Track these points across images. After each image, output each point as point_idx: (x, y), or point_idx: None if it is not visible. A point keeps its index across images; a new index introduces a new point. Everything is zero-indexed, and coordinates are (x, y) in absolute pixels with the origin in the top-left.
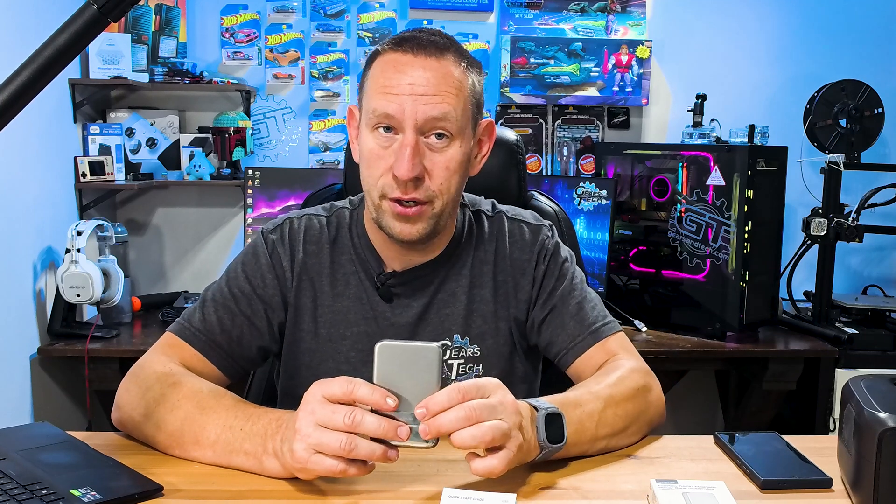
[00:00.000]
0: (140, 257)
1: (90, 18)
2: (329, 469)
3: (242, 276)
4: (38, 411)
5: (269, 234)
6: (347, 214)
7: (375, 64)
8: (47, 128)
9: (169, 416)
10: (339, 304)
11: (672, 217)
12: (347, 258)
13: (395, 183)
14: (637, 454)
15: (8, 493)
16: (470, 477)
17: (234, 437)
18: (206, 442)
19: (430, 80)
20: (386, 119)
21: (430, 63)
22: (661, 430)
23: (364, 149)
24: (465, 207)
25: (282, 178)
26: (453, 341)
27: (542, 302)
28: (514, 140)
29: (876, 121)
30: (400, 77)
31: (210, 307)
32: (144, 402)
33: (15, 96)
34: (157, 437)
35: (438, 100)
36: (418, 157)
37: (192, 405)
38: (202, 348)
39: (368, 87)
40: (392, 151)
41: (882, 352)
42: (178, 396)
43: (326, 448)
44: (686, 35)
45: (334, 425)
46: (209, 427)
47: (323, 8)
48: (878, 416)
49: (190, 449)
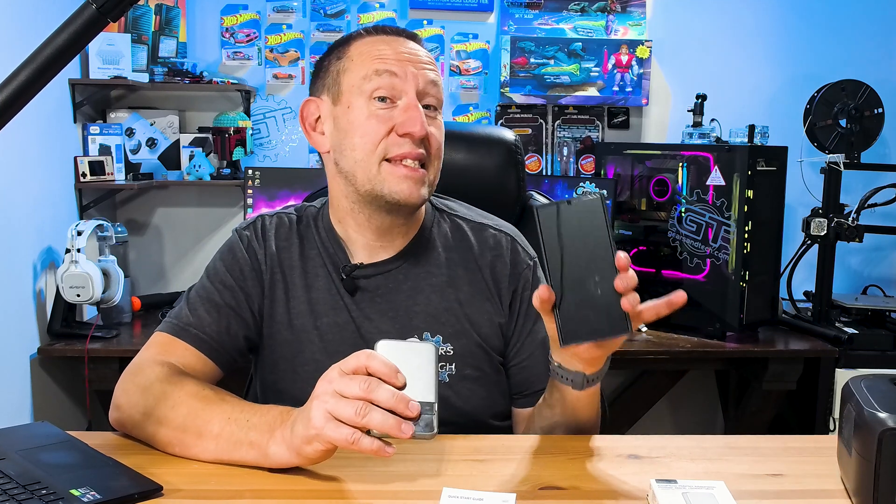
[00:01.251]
0: (140, 257)
1: (89, 18)
2: (343, 437)
3: (223, 270)
4: (38, 411)
5: (243, 231)
6: (314, 212)
7: (353, 46)
8: (47, 128)
9: (171, 413)
10: (310, 296)
11: (672, 217)
12: (315, 252)
13: (401, 142)
14: (637, 454)
15: (7, 493)
16: (469, 477)
17: (240, 428)
18: (209, 434)
19: (421, 52)
20: (389, 78)
21: (412, 43)
22: (662, 429)
23: (357, 118)
24: (439, 212)
25: (282, 178)
26: (422, 339)
27: (515, 325)
28: (513, 140)
29: (876, 121)
30: (395, 46)
31: (196, 303)
32: (144, 401)
33: (14, 96)
34: (157, 435)
35: (433, 67)
36: (424, 119)
37: (195, 401)
38: (194, 342)
39: (354, 63)
40: (392, 116)
41: (882, 352)
42: (181, 393)
43: (342, 414)
44: (686, 35)
45: (351, 393)
46: (214, 420)
47: (323, 8)
48: (878, 416)
49: (192, 444)
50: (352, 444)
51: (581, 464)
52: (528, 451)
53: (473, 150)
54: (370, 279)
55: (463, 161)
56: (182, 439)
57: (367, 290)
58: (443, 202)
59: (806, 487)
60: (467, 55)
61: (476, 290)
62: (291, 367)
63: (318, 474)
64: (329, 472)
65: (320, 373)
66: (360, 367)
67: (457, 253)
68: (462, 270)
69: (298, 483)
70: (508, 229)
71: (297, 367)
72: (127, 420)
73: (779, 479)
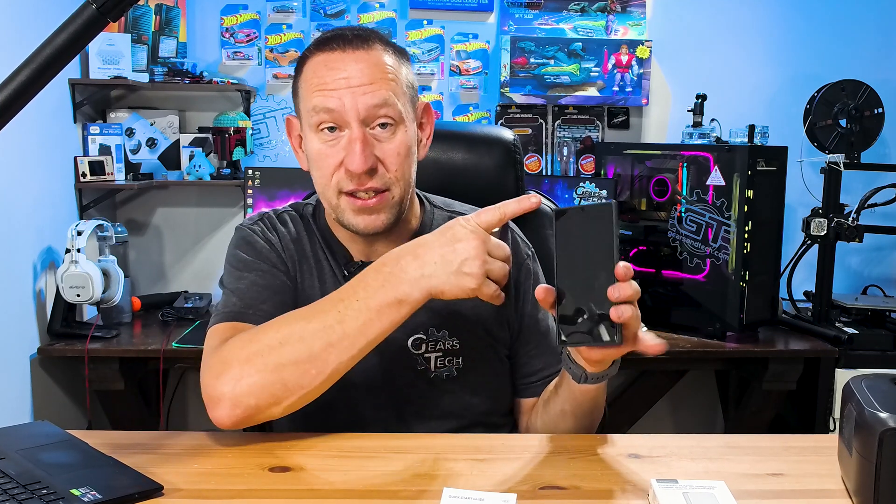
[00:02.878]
0: (140, 257)
1: (89, 18)
2: (492, 293)
3: (251, 260)
4: (38, 411)
5: (253, 225)
6: (311, 210)
7: (306, 68)
8: (47, 128)
9: (285, 350)
10: (323, 287)
11: (672, 217)
12: (318, 247)
13: (349, 177)
14: (637, 454)
15: (8, 493)
16: (469, 477)
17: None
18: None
19: (363, 71)
20: (327, 114)
21: (360, 55)
22: (662, 429)
23: (311, 151)
24: (438, 209)
25: (282, 178)
26: (429, 334)
27: (519, 315)
28: (511, 140)
29: (876, 121)
30: (333, 73)
31: (242, 291)
32: (248, 362)
33: (14, 96)
34: (286, 375)
35: (375, 87)
36: (369, 149)
37: (292, 324)
38: (256, 321)
39: (303, 91)
40: (340, 148)
41: (882, 352)
42: (274, 337)
43: (495, 273)
44: (686, 35)
45: (500, 255)
46: (328, 312)
47: (323, 8)
48: (879, 416)
49: (325, 354)
50: (493, 298)
51: (581, 463)
52: (528, 450)
53: (472, 150)
54: None
55: (461, 161)
56: (311, 356)
57: None
58: (435, 199)
59: (806, 487)
60: (467, 55)
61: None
62: None
63: (318, 474)
64: (329, 472)
65: None
66: (501, 219)
67: None
68: None
69: (298, 483)
70: (515, 228)
71: None
72: (240, 392)
73: (779, 479)
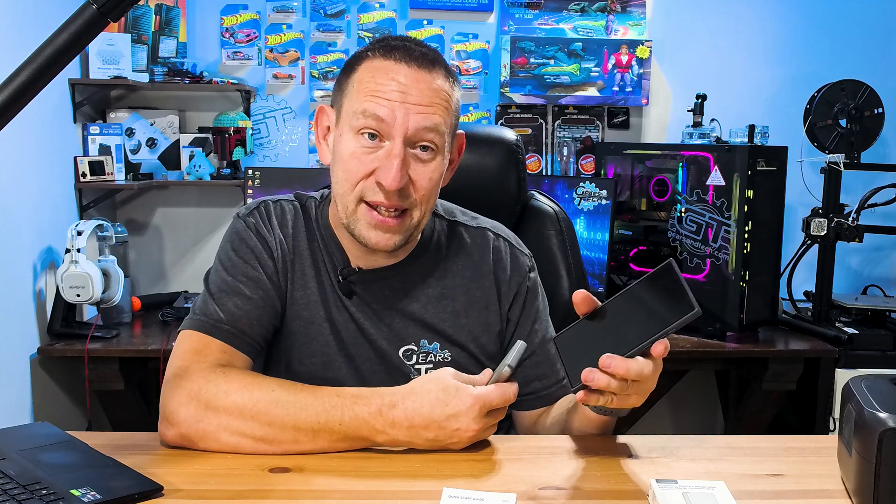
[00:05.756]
0: (140, 257)
1: (90, 18)
2: (490, 433)
3: (240, 262)
4: (38, 411)
5: (248, 217)
6: (313, 206)
7: (362, 68)
8: (47, 128)
9: (265, 412)
10: (320, 286)
11: (672, 217)
12: (317, 245)
13: (379, 189)
14: (637, 454)
15: (8, 493)
16: (469, 477)
17: (345, 418)
18: (307, 428)
19: (423, 92)
20: (375, 122)
21: (422, 75)
22: (662, 430)
23: (343, 150)
24: (439, 218)
25: (282, 178)
26: (420, 346)
27: (516, 328)
28: (514, 140)
29: (876, 121)
30: (391, 83)
31: (222, 298)
32: (216, 413)
33: (15, 96)
34: (243, 442)
35: (430, 110)
36: (405, 168)
37: (281, 389)
38: (230, 339)
39: (353, 91)
40: (376, 158)
41: (882, 352)
42: (256, 398)
43: (494, 421)
44: (686, 35)
45: (501, 404)
46: (312, 407)
47: (323, 8)
48: (879, 416)
49: (302, 441)
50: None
51: (581, 464)
52: (528, 451)
53: (474, 150)
54: (367, 285)
55: (463, 161)
56: (278, 437)
57: (362, 296)
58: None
59: (806, 487)
60: (467, 55)
61: (474, 298)
62: (299, 358)
63: (318, 474)
64: (329, 472)
65: (328, 366)
66: (505, 402)
67: (456, 261)
68: (460, 279)
69: (298, 483)
70: (504, 233)
71: (305, 358)
72: (193, 433)
73: (779, 479)
